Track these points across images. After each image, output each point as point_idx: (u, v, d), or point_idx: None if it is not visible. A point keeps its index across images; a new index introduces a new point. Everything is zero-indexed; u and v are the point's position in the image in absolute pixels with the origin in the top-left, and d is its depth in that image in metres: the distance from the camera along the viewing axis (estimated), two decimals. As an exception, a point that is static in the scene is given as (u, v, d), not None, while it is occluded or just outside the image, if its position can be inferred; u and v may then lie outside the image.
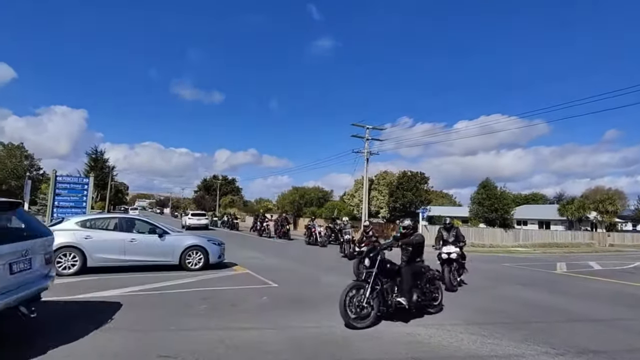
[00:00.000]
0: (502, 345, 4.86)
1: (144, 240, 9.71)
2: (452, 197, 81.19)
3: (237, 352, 4.21)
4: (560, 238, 33.57)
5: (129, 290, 7.29)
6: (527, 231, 34.71)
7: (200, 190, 79.26)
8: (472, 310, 6.88)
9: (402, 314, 6.33)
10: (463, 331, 5.42)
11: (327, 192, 43.60)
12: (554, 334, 5.46)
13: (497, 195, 32.22)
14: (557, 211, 46.33)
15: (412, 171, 30.86)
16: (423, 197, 29.26)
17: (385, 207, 30.01)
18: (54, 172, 15.11)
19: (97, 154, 59.87)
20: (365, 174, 27.84)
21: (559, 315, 6.86)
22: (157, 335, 4.78)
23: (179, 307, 6.30)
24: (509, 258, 19.61)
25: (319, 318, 5.89)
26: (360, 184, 30.06)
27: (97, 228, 9.54)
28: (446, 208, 55.74)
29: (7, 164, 35.27)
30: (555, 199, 64.05)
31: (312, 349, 4.47)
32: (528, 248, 27.56)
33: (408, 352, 4.45)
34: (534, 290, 9.54)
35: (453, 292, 8.45)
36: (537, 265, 16.17)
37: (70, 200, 14.60)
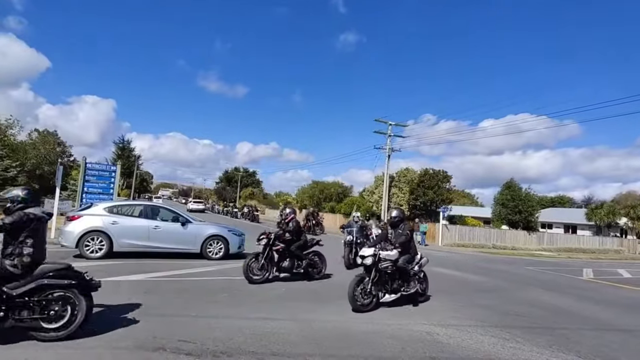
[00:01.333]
0: (524, 350, 4.74)
1: (167, 227, 9.96)
2: (474, 197, 79.46)
3: (255, 342, 4.27)
4: (587, 243, 32.34)
5: (152, 276, 7.51)
6: (552, 235, 33.64)
7: (221, 181, 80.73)
8: (492, 312, 6.73)
9: (423, 312, 6.27)
10: (483, 333, 5.31)
11: (347, 188, 43.58)
12: (580, 342, 5.27)
13: (521, 197, 31.34)
14: (584, 215, 44.60)
15: (434, 169, 30.40)
16: (444, 196, 28.81)
17: (406, 205, 29.69)
18: (84, 160, 15.64)
19: (124, 143, 61.71)
20: (387, 171, 27.59)
21: (586, 322, 6.62)
22: (178, 320, 4.90)
23: (199, 294, 6.44)
24: (532, 261, 19.06)
25: (336, 312, 5.90)
26: (381, 180, 29.82)
27: (124, 214, 9.84)
28: (468, 208, 54.58)
29: (41, 150, 36.76)
30: (583, 203, 61.78)
31: (330, 343, 4.47)
32: (552, 252, 26.72)
33: (426, 352, 4.39)
34: (559, 295, 9.25)
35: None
36: (562, 270, 15.66)
37: (98, 187, 15.09)
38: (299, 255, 8.15)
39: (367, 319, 5.62)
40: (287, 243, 8.02)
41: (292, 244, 8.07)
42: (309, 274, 8.33)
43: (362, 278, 6.05)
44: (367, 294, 5.99)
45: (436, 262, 14.63)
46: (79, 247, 8.98)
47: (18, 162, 26.96)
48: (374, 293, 6.04)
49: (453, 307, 6.90)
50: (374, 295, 6.03)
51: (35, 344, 3.73)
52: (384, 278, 6.27)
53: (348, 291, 5.89)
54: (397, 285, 6.40)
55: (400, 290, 6.41)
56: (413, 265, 6.70)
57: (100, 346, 3.81)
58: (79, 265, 6.37)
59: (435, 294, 8.11)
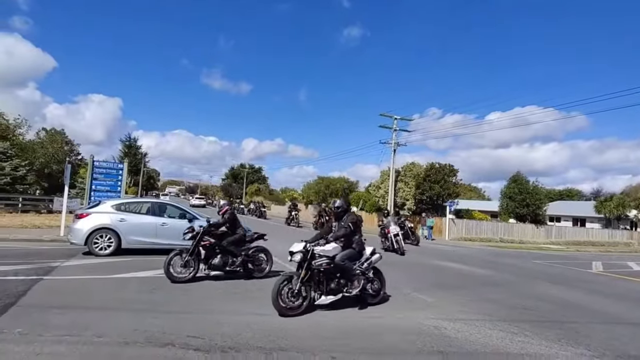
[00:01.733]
0: (533, 343, 4.71)
1: (174, 224, 10.01)
2: (481, 191, 78.94)
3: (263, 337, 4.29)
4: (597, 236, 32.01)
5: (160, 273, 7.53)
6: (560, 228, 33.34)
7: (227, 178, 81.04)
8: (500, 306, 6.70)
9: (431, 306, 6.26)
10: (491, 327, 5.28)
11: (353, 183, 43.47)
12: (589, 336, 5.22)
13: (529, 190, 31.04)
14: (593, 208, 44.13)
15: (440, 163, 30.18)
16: (451, 190, 28.60)
17: (412, 199, 29.56)
18: (92, 158, 15.77)
19: (130, 141, 62.19)
20: (392, 165, 27.49)
21: (595, 316, 6.57)
22: (186, 316, 4.94)
23: (208, 290, 6.49)
24: (540, 255, 18.92)
25: (343, 307, 5.90)
26: (387, 175, 29.72)
27: (131, 211, 9.91)
28: (474, 202, 54.26)
29: (49, 149, 37.13)
30: (592, 196, 61.07)
31: (338, 337, 4.48)
32: (561, 245, 26.50)
33: (434, 346, 4.38)
34: (568, 289, 9.17)
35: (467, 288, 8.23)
36: (571, 263, 15.52)
37: (106, 185, 15.22)
38: (232, 251, 7.36)
39: (374, 313, 5.62)
40: (218, 237, 7.36)
41: (225, 239, 7.39)
42: (248, 271, 7.56)
43: (290, 277, 5.31)
44: (294, 295, 5.20)
45: (443, 256, 14.59)
46: (88, 244, 9.07)
47: (27, 161, 27.26)
48: (304, 294, 5.27)
49: (460, 301, 6.88)
50: (304, 297, 5.27)
51: (47, 339, 3.78)
52: (317, 277, 5.47)
53: (272, 292, 5.14)
54: (337, 285, 5.57)
55: (342, 291, 5.62)
56: (361, 262, 5.90)
57: (111, 342, 3.85)
58: (88, 263, 6.47)
59: (443, 288, 8.10)
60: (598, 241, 30.64)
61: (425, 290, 7.65)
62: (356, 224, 5.91)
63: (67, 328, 4.14)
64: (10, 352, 3.46)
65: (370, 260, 6.02)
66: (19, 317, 4.44)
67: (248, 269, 7.58)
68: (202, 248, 7.15)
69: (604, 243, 30.19)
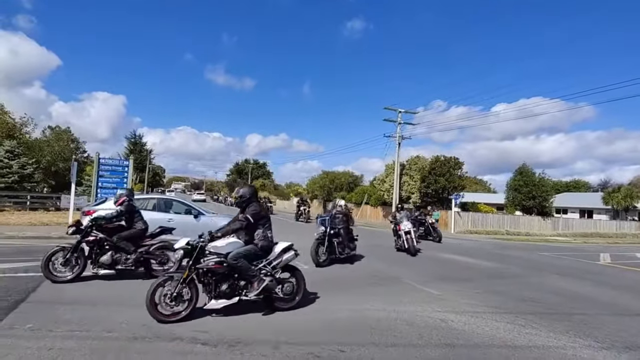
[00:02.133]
0: (541, 335, 4.69)
1: (180, 220, 10.07)
2: (487, 183, 78.55)
3: (270, 330, 4.31)
4: (604, 228, 31.78)
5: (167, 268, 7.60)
6: (567, 220, 33.10)
7: (232, 173, 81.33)
8: (507, 298, 6.67)
9: (437, 299, 6.25)
10: (499, 319, 5.27)
11: (358, 177, 43.39)
12: (598, 327, 5.19)
13: (535, 182, 30.80)
14: (601, 199, 43.73)
15: (445, 156, 29.99)
16: (456, 183, 28.42)
17: (417, 193, 29.46)
18: (97, 155, 15.87)
19: (135, 138, 62.57)
20: (397, 159, 27.39)
21: (604, 307, 6.52)
22: (195, 311, 4.96)
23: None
24: (547, 247, 18.81)
25: (351, 300, 5.92)
26: (391, 168, 29.62)
27: (137, 208, 9.96)
28: (480, 195, 54.00)
29: (55, 147, 37.43)
30: (600, 187, 60.54)
31: (345, 330, 4.49)
32: (568, 237, 26.33)
33: (442, 339, 4.38)
34: (575, 281, 9.11)
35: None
36: (578, 255, 15.41)
37: (112, 182, 15.33)
38: (124, 247, 6.50)
39: (380, 307, 5.62)
40: (110, 232, 6.54)
41: (116, 233, 6.55)
42: (149, 270, 6.73)
43: (169, 278, 4.53)
44: (174, 299, 4.44)
45: (449, 249, 14.54)
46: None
47: (34, 160, 27.50)
48: (186, 297, 4.52)
49: (467, 294, 6.86)
50: (188, 300, 4.52)
51: (58, 335, 3.83)
52: (204, 278, 4.70)
53: (146, 295, 4.39)
54: (230, 288, 4.74)
55: (238, 294, 4.81)
56: (268, 261, 5.06)
57: (121, 337, 3.89)
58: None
59: (449, 281, 8.08)
60: (606, 233, 30.42)
61: (432, 283, 7.64)
62: (259, 215, 5.08)
63: (76, 323, 4.19)
64: (22, 347, 3.51)
65: (282, 258, 5.14)
66: (29, 313, 4.50)
67: (149, 267, 6.75)
68: (87, 244, 6.33)
69: (611, 235, 29.96)
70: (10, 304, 4.76)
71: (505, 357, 3.93)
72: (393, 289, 6.97)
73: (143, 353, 3.55)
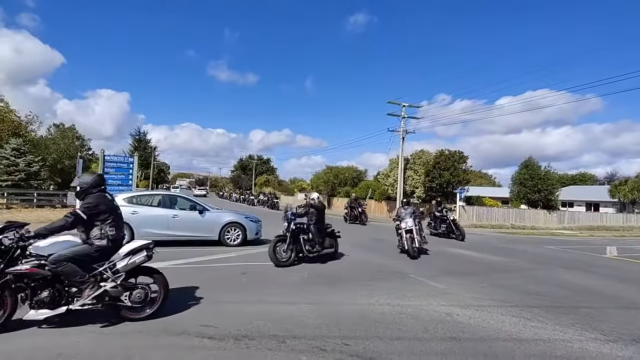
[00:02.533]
0: (547, 329, 4.68)
1: (185, 216, 10.14)
2: (492, 177, 78.13)
3: (275, 325, 4.34)
4: (611, 221, 31.52)
5: (173, 264, 7.68)
6: (573, 213, 32.85)
7: (236, 169, 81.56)
8: (513, 292, 6.65)
9: (442, 293, 6.25)
10: (504, 313, 5.26)
11: (362, 172, 43.32)
12: (604, 320, 5.17)
13: (540, 176, 30.54)
14: (607, 192, 43.38)
15: (449, 150, 29.85)
16: (461, 177, 28.32)
17: (421, 187, 29.39)
18: (102, 152, 15.98)
19: (140, 135, 62.83)
20: (401, 153, 27.29)
21: (610, 301, 6.49)
22: (200, 306, 5.02)
23: (220, 280, 6.58)
24: (553, 240, 18.72)
25: (355, 295, 5.94)
26: (395, 163, 29.54)
27: (143, 204, 10.05)
28: (485, 188, 53.70)
29: (61, 145, 37.66)
30: (606, 180, 59.99)
31: (349, 324, 4.51)
32: (573, 231, 26.17)
33: (447, 332, 4.39)
34: (581, 274, 9.07)
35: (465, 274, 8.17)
36: (584, 248, 15.33)
37: (117, 178, 15.45)
38: None
39: (384, 301, 5.63)
40: None
41: None
42: None
43: None
44: None
45: (454, 243, 14.51)
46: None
47: (40, 157, 27.73)
48: None
49: (472, 288, 6.85)
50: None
51: (69, 331, 3.87)
52: (20, 284, 3.92)
53: None
54: (50, 296, 3.96)
55: (65, 303, 4.05)
56: (112, 263, 4.28)
57: (129, 331, 3.94)
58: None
59: (454, 275, 8.07)
60: (612, 226, 30.18)
61: (437, 277, 7.64)
62: (95, 210, 4.26)
63: (84, 319, 4.23)
64: (32, 343, 3.56)
65: (129, 261, 4.34)
66: (38, 308, 4.55)
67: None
68: None
69: (618, 228, 29.72)
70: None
71: (511, 351, 3.93)
72: (397, 283, 6.97)
73: (151, 347, 3.59)
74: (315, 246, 8.73)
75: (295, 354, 3.59)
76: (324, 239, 9.02)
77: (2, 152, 24.85)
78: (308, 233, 8.78)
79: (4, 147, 25.25)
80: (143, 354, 3.42)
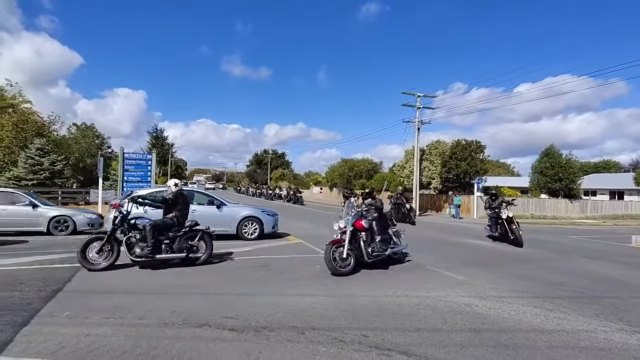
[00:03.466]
0: (570, 320, 4.59)
1: (204, 211, 10.30)
2: (510, 166, 76.57)
3: (294, 317, 4.39)
4: (636, 209, 30.51)
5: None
6: (596, 202, 31.93)
7: (252, 164, 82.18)
8: (534, 283, 6.54)
9: (462, 284, 6.20)
10: (525, 304, 5.18)
11: (377, 164, 42.99)
12: (630, 311, 5.03)
13: (561, 164, 29.73)
14: (632, 180, 41.87)
15: (466, 140, 29.30)
16: (478, 167, 27.79)
17: (438, 178, 29.01)
18: (122, 150, 16.33)
19: (157, 132, 63.95)
20: (417, 144, 26.95)
21: (636, 291, 6.31)
22: (221, 298, 5.11)
23: (239, 273, 6.68)
24: (575, 230, 18.26)
25: (372, 287, 5.94)
26: (411, 154, 29.21)
27: (162, 200, 10.23)
28: (503, 178, 52.67)
29: (82, 144, 38.73)
30: (631, 167, 57.95)
31: (367, 316, 4.53)
32: (597, 220, 25.46)
33: (466, 324, 4.35)
34: (606, 264, 8.83)
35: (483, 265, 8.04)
36: (608, 238, 14.90)
37: (137, 175, 15.79)
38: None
39: (402, 293, 5.62)
40: None
41: None
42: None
43: None
44: None
45: (472, 234, 14.32)
46: (124, 232, 9.48)
47: (63, 156, 28.56)
48: None
49: (492, 278, 6.76)
50: None
51: (95, 322, 4.02)
52: None
53: None
54: None
55: None
56: None
57: (151, 324, 4.05)
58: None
59: (474, 266, 7.98)
60: (638, 214, 29.23)
61: (456, 268, 7.57)
62: None
63: (110, 311, 4.38)
64: (62, 333, 3.70)
65: None
66: (66, 301, 4.73)
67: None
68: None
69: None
70: (49, 293, 5.02)
71: (533, 342, 3.87)
72: (415, 275, 6.94)
73: (174, 339, 3.68)
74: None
75: (315, 345, 3.63)
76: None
77: (27, 152, 25.70)
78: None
79: (29, 147, 26.09)
80: (165, 345, 3.51)
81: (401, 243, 8.22)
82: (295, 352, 3.45)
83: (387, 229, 8.03)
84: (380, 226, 7.76)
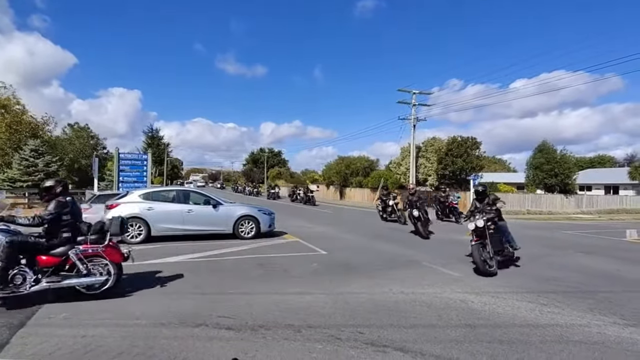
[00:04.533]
0: (564, 314, 4.64)
1: (200, 210, 10.29)
2: (506, 162, 76.88)
3: (291, 315, 4.41)
4: (631, 204, 30.73)
5: (190, 257, 7.84)
6: (591, 197, 32.13)
7: (248, 163, 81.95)
8: (529, 278, 6.59)
9: (457, 281, 6.24)
10: (520, 299, 5.23)
11: (373, 161, 43.00)
12: (624, 305, 5.09)
13: (556, 159, 29.91)
14: (627, 175, 42.22)
15: (462, 136, 29.42)
16: (474, 163, 27.93)
17: (434, 175, 29.14)
18: (117, 150, 16.26)
19: (152, 132, 63.52)
20: (412, 141, 27.05)
21: (630, 285, 6.37)
22: (217, 297, 5.12)
23: (235, 272, 6.69)
24: (570, 225, 18.38)
25: (369, 284, 5.97)
26: (407, 151, 29.30)
27: (158, 200, 10.22)
28: (499, 174, 52.92)
29: (76, 145, 38.52)
30: (626, 162, 58.33)
31: (364, 314, 4.55)
32: (592, 215, 25.63)
33: (461, 319, 4.39)
34: (600, 258, 8.91)
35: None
36: (603, 232, 15.02)
37: (132, 176, 15.75)
38: None
39: (398, 290, 5.65)
40: None
41: None
42: None
43: None
44: None
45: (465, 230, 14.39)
46: (120, 233, 9.46)
47: (57, 157, 28.41)
48: None
49: (487, 274, 6.80)
50: None
51: (89, 323, 4.01)
52: None
53: None
54: None
55: None
56: None
57: (148, 324, 4.05)
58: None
59: (469, 262, 8.02)
60: (633, 209, 29.44)
61: (451, 265, 7.61)
62: None
63: (107, 312, 4.38)
64: (58, 335, 3.70)
65: None
66: (62, 304, 4.72)
67: None
68: None
69: (639, 210, 28.98)
70: (45, 295, 5.00)
71: (527, 336, 3.92)
72: (412, 272, 6.98)
73: (170, 338, 3.69)
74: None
75: (311, 343, 3.65)
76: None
77: (21, 154, 25.54)
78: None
79: (23, 148, 25.93)
80: (162, 345, 3.52)
81: None
82: (291, 350, 3.47)
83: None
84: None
